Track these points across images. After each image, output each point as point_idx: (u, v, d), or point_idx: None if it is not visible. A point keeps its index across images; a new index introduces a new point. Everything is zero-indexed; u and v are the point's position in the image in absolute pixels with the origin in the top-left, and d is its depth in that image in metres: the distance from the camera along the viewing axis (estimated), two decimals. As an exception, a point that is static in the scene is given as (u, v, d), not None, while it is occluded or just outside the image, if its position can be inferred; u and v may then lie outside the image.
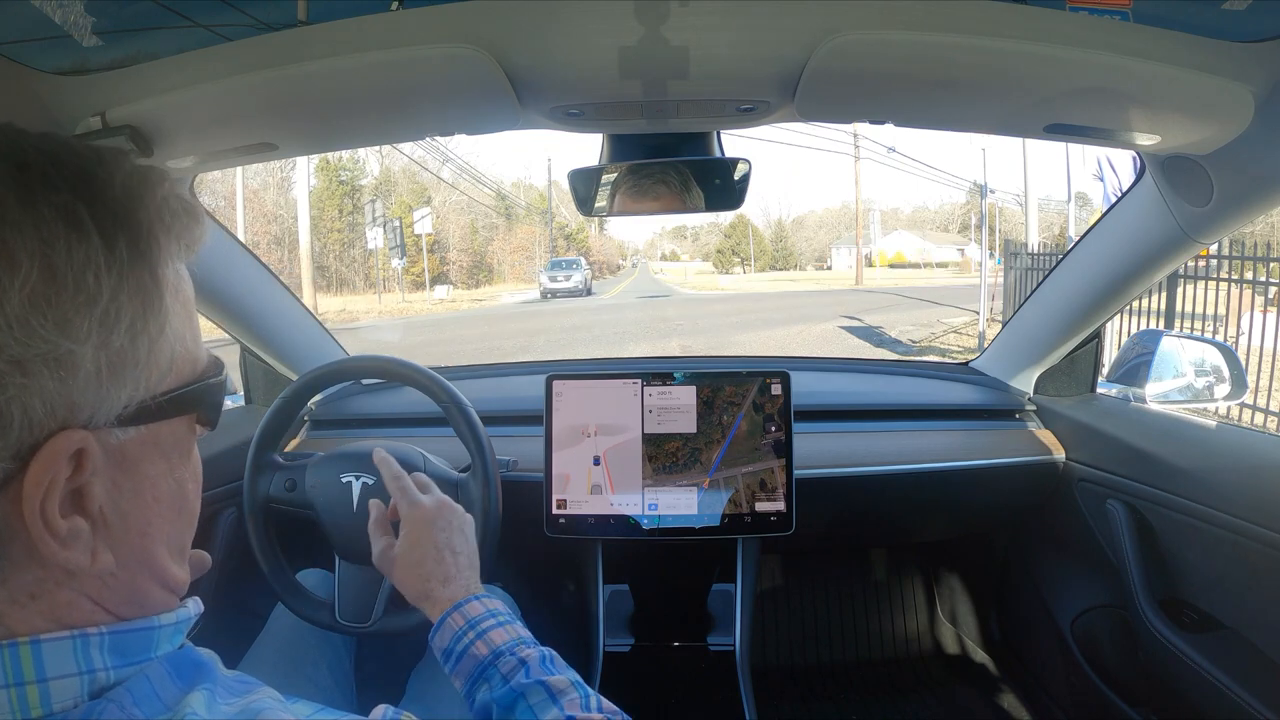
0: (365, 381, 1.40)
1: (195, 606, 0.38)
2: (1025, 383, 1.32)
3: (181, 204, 0.34)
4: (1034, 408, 1.31)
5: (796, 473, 1.06)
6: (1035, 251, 8.42)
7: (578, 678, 0.58)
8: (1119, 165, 7.51)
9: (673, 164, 0.92)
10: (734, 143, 0.94)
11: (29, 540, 0.29)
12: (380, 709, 0.40)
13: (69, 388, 0.29)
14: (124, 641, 0.32)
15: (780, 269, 51.05)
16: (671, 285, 28.57)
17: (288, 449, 1.25)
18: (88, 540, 0.31)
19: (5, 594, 0.30)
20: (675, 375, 1.08)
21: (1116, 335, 4.75)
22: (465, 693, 0.60)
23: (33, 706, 0.29)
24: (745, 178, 0.93)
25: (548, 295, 19.96)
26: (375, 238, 20.18)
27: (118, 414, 0.31)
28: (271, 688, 0.38)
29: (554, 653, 0.61)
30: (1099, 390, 1.28)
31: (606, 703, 0.56)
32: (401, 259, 21.72)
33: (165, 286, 0.32)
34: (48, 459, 0.29)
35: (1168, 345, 1.18)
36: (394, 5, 0.62)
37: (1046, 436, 1.25)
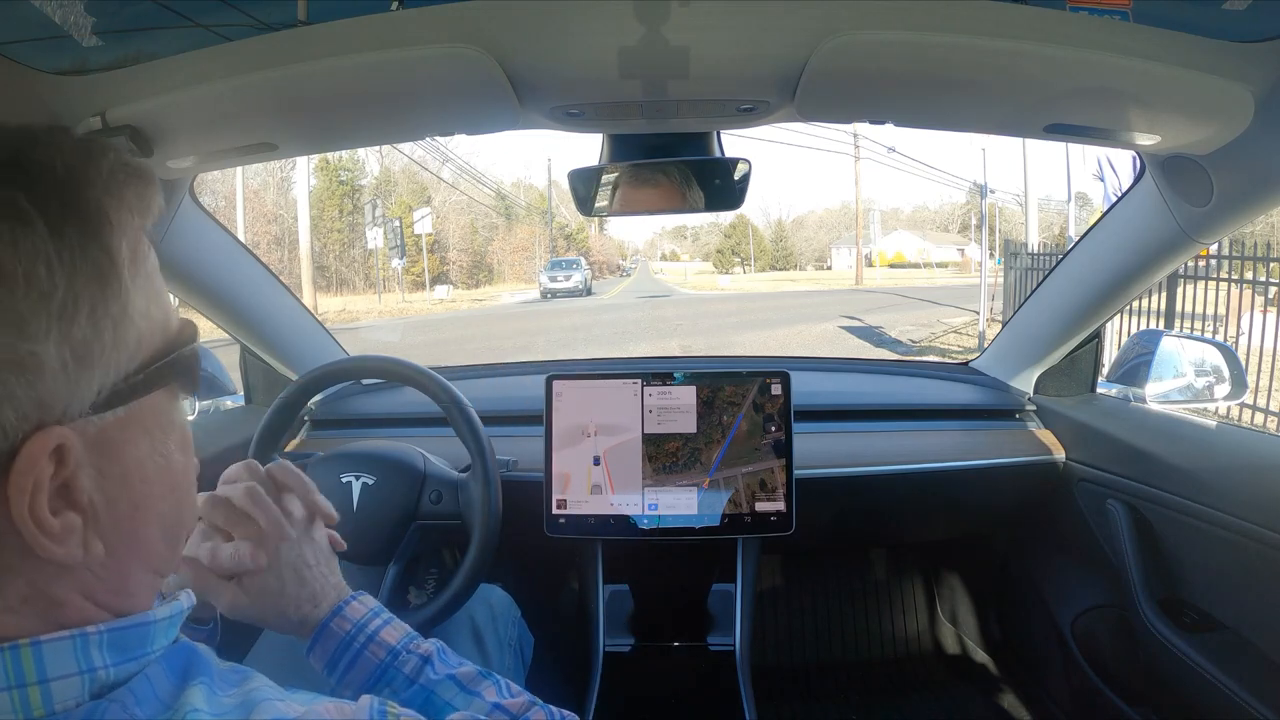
0: (365, 381, 1.40)
1: (187, 599, 0.38)
2: (1025, 383, 1.32)
3: (130, 170, 0.32)
4: (1034, 408, 1.31)
5: (796, 473, 1.06)
6: (1035, 251, 8.41)
7: (478, 665, 0.57)
8: (1119, 165, 7.51)
9: (673, 164, 0.92)
10: (734, 143, 0.94)
11: (20, 544, 0.29)
12: (366, 699, 0.39)
13: (36, 389, 0.28)
14: (122, 638, 0.32)
15: (780, 269, 50.92)
16: (671, 285, 28.55)
17: (288, 449, 1.25)
18: (80, 533, 0.31)
19: (1, 603, 0.30)
20: (675, 375, 1.08)
21: (1116, 335, 4.75)
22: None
23: (34, 707, 0.29)
24: (745, 178, 0.93)
25: (548, 295, 19.95)
26: (375, 238, 20.19)
27: (91, 402, 0.30)
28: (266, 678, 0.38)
29: (442, 642, 0.58)
30: (1099, 390, 1.28)
31: (514, 686, 0.55)
32: (401, 259, 21.72)
33: (122, 263, 0.31)
34: (27, 462, 0.28)
35: (1168, 345, 1.18)
36: (394, 5, 0.62)
37: (1046, 436, 1.25)
